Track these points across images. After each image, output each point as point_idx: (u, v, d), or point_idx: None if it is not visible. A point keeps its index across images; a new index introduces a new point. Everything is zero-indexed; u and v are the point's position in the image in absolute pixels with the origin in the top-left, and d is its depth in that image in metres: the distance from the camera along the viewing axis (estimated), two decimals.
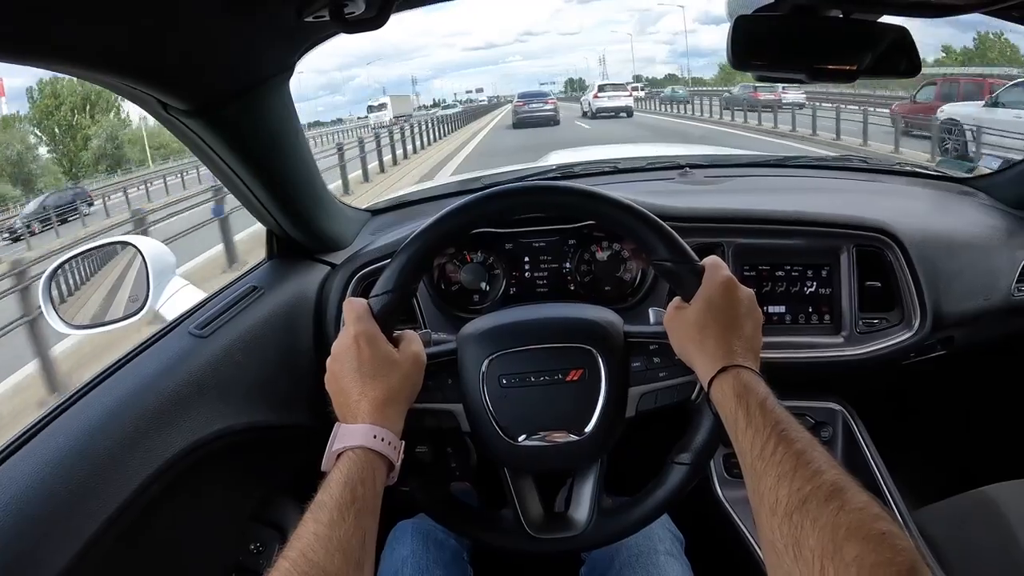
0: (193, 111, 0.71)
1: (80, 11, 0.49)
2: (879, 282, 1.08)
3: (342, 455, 0.61)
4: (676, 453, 0.75)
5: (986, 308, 1.13)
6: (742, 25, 0.79)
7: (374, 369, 0.66)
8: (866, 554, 0.42)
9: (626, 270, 1.10)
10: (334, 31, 0.71)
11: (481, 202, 0.76)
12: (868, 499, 0.47)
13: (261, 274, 1.02)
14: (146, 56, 0.61)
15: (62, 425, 0.67)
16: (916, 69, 0.84)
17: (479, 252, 1.10)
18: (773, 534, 0.48)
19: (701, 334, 0.67)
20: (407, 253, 0.72)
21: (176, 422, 0.73)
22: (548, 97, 24.48)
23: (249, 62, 0.71)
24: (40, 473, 0.60)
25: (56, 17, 0.48)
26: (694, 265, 0.71)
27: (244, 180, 0.87)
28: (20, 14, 0.45)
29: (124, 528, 0.64)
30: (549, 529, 0.78)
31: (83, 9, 0.49)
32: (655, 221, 0.73)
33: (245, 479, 0.90)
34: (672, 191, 1.27)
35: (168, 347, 0.82)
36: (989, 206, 1.30)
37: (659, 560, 0.84)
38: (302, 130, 0.92)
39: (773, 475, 0.51)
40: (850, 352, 1.06)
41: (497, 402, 0.74)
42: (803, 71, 0.82)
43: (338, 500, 0.56)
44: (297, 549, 0.51)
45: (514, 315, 0.81)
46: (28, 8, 0.45)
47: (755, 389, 0.60)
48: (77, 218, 18.33)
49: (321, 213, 1.04)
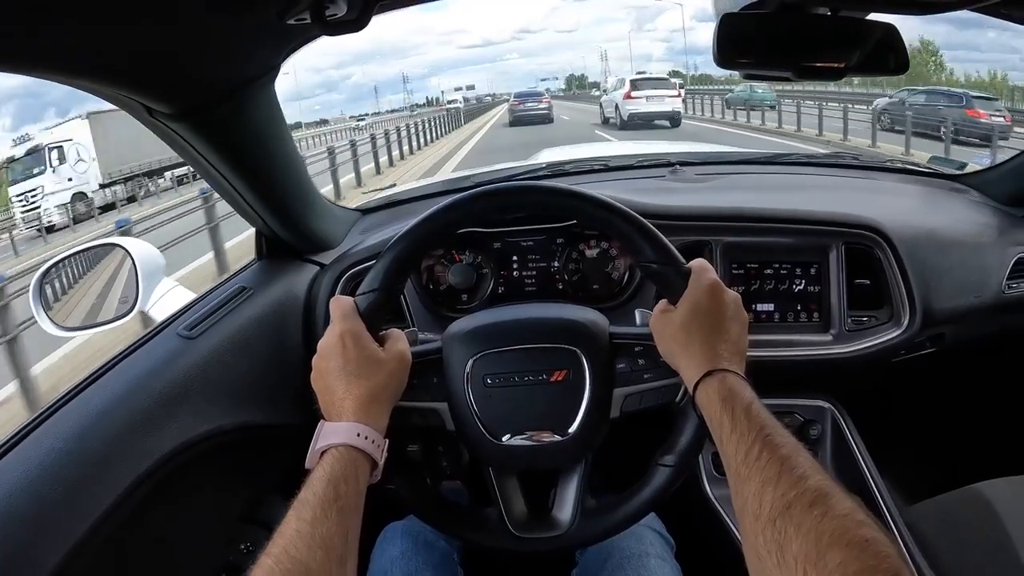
0: (178, 115, 0.71)
1: (63, 16, 0.48)
2: (868, 280, 1.08)
3: (326, 453, 0.61)
4: (660, 455, 0.75)
5: (976, 305, 1.13)
6: (728, 23, 0.79)
7: (359, 367, 0.66)
8: (849, 561, 0.42)
9: (614, 269, 1.10)
10: (316, 33, 0.71)
11: (468, 201, 0.76)
12: (853, 505, 0.47)
13: (250, 275, 1.02)
14: (129, 61, 0.60)
15: (52, 427, 0.67)
16: (904, 67, 0.84)
17: (467, 252, 1.10)
18: (757, 539, 0.48)
19: (687, 337, 0.67)
20: (393, 252, 0.73)
21: (165, 423, 0.73)
22: (543, 96, 24.76)
23: (233, 65, 0.71)
24: (29, 475, 0.61)
25: (39, 22, 0.48)
26: (680, 267, 0.71)
27: (232, 182, 0.87)
28: (2, 20, 0.45)
29: (114, 529, 0.64)
30: (533, 528, 0.79)
31: (65, 14, 0.49)
32: (641, 222, 0.73)
33: (235, 479, 0.90)
34: (661, 189, 1.26)
35: (157, 348, 0.82)
36: (980, 203, 1.30)
37: (650, 563, 0.84)
38: (289, 131, 0.92)
39: (757, 480, 0.51)
40: (839, 350, 1.06)
41: (481, 401, 0.74)
42: (790, 69, 0.82)
43: (321, 498, 0.56)
44: (280, 546, 0.52)
45: (499, 315, 0.81)
46: (10, 13, 0.45)
47: (740, 394, 0.60)
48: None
49: (310, 213, 1.04)
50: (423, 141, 18.40)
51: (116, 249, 1.07)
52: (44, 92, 65.29)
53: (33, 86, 51.47)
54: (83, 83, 0.61)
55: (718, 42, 0.79)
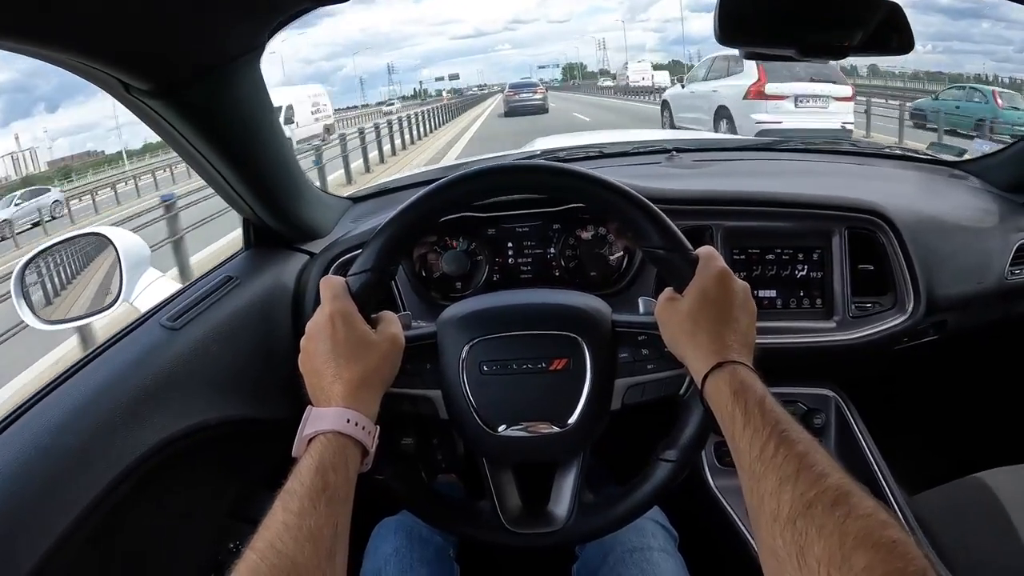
0: (157, 92, 0.68)
1: None
2: (872, 265, 1.06)
3: (313, 440, 0.58)
4: (662, 449, 0.72)
5: (979, 292, 1.12)
6: (730, 0, 0.76)
7: (349, 350, 0.63)
8: (876, 564, 0.40)
9: (611, 254, 1.08)
10: (304, 7, 0.68)
11: (470, 178, 0.72)
12: (875, 504, 0.45)
13: (237, 264, 0.99)
14: (105, 33, 0.57)
15: (30, 422, 0.65)
16: (908, 46, 0.82)
17: (460, 238, 1.08)
18: (775, 541, 0.46)
19: (694, 326, 0.64)
20: (387, 232, 0.69)
21: (147, 417, 0.70)
22: (537, 87, 25.13)
23: (215, 39, 0.68)
24: (6, 471, 0.58)
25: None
26: (688, 254, 0.68)
27: (216, 166, 0.83)
28: None
29: (95, 527, 0.61)
30: (527, 523, 0.76)
31: None
32: (648, 206, 0.70)
33: (221, 475, 0.88)
34: (659, 175, 1.25)
35: (139, 340, 0.79)
36: (981, 189, 1.29)
37: (653, 556, 0.82)
38: (276, 115, 0.89)
39: (774, 478, 0.49)
40: (843, 337, 1.04)
41: (477, 389, 0.72)
42: (793, 47, 0.80)
43: (309, 488, 0.53)
44: (265, 539, 0.49)
45: (498, 299, 0.79)
46: None
47: (752, 387, 0.58)
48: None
49: (299, 201, 1.01)
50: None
51: (100, 239, 1.04)
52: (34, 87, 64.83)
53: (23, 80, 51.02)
54: (57, 57, 0.58)
55: (719, 19, 0.77)
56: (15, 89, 63.51)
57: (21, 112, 64.93)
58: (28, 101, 65.22)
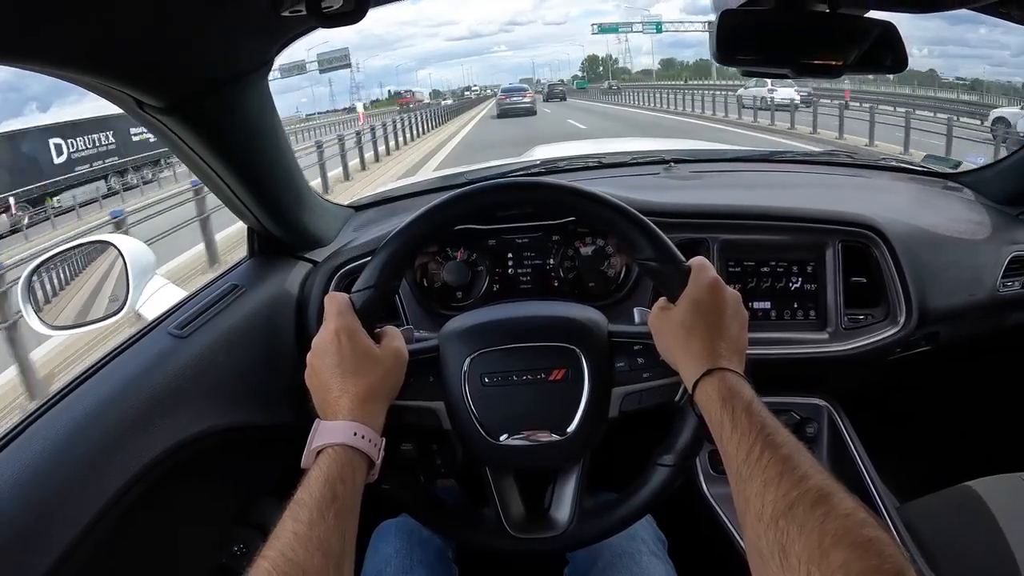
0: (169, 108, 0.69)
1: (53, 8, 0.47)
2: (864, 278, 1.08)
3: (322, 452, 0.60)
4: (659, 454, 0.74)
5: (971, 303, 1.14)
6: (728, 19, 0.78)
7: (355, 365, 0.65)
8: (852, 561, 0.41)
9: (610, 266, 1.09)
10: (311, 26, 0.70)
11: (468, 196, 0.75)
12: (855, 505, 0.46)
13: (242, 272, 1.01)
14: (120, 53, 0.59)
15: (40, 430, 0.66)
16: (902, 65, 0.84)
17: (462, 249, 1.10)
18: (759, 540, 0.48)
19: (687, 335, 0.66)
20: (390, 249, 0.72)
21: (156, 425, 0.72)
22: (526, 91, 28.21)
23: (225, 57, 0.70)
24: (17, 479, 0.59)
25: (30, 14, 0.46)
26: (680, 265, 0.70)
27: (223, 178, 0.85)
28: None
29: (104, 533, 0.63)
30: (530, 529, 0.78)
31: (56, 6, 0.47)
32: (640, 219, 0.72)
33: (227, 481, 0.89)
34: (656, 186, 1.26)
35: (147, 348, 0.81)
36: (974, 202, 1.30)
37: (642, 560, 0.83)
38: (282, 126, 0.90)
39: (759, 480, 0.51)
40: (835, 348, 1.06)
41: (479, 401, 0.73)
42: (789, 66, 0.82)
43: (318, 499, 0.55)
44: (276, 548, 0.51)
45: (497, 313, 0.80)
46: (1, 8, 0.44)
47: (740, 392, 0.60)
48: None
49: (302, 210, 1.03)
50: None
51: (107, 246, 1.05)
52: (25, 86, 64.56)
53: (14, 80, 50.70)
54: (73, 76, 0.60)
55: (718, 39, 0.78)
56: (6, 88, 63.22)
57: (12, 111, 64.80)
58: (19, 100, 65.01)
